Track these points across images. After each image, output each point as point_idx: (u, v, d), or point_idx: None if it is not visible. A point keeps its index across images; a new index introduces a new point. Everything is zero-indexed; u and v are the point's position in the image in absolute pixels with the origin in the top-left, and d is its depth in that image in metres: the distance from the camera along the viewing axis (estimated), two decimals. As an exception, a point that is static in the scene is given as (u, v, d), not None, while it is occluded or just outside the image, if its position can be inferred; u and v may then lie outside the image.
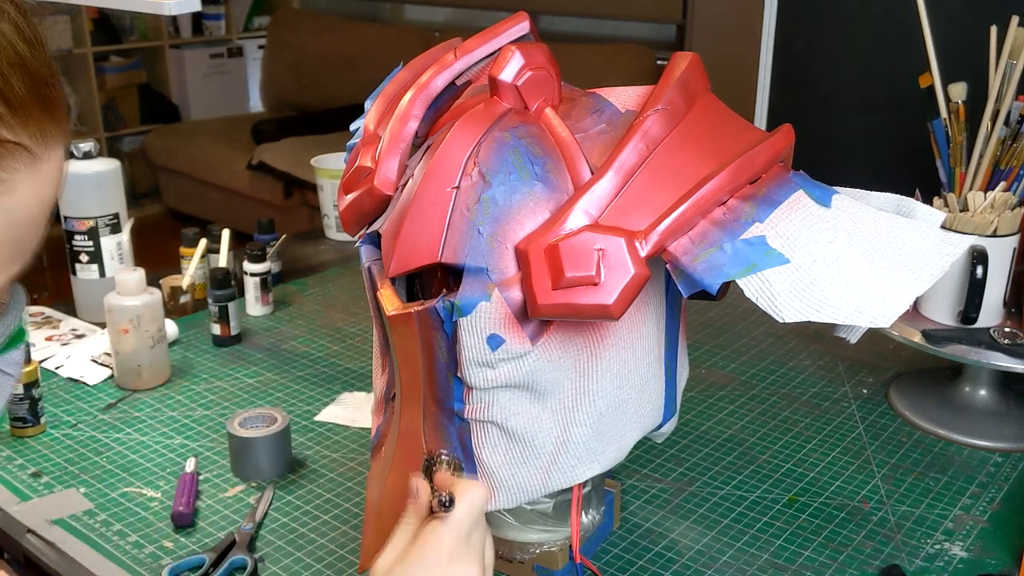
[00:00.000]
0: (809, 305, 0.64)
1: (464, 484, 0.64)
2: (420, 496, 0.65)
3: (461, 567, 0.61)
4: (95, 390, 1.18)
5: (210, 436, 1.08)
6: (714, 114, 0.74)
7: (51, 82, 0.46)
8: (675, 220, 0.66)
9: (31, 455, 1.04)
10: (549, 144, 0.71)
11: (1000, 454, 1.05)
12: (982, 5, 1.22)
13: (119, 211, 1.33)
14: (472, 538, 0.63)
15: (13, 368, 0.59)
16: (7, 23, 0.43)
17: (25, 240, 0.47)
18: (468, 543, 0.62)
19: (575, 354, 0.72)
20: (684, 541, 0.91)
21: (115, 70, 4.42)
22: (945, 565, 0.87)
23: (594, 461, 0.76)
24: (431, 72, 0.77)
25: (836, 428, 1.10)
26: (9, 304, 0.54)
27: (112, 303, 1.16)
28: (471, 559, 0.62)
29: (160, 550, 0.89)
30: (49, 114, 0.46)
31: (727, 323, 1.37)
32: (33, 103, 0.44)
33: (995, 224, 1.04)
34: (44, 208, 0.47)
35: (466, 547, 0.62)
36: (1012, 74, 1.06)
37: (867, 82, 1.59)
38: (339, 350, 1.29)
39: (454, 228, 0.69)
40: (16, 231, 0.46)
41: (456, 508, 0.62)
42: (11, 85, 0.43)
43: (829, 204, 0.70)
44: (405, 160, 0.76)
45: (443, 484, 0.65)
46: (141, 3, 1.27)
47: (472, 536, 0.63)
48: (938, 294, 1.08)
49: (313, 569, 0.86)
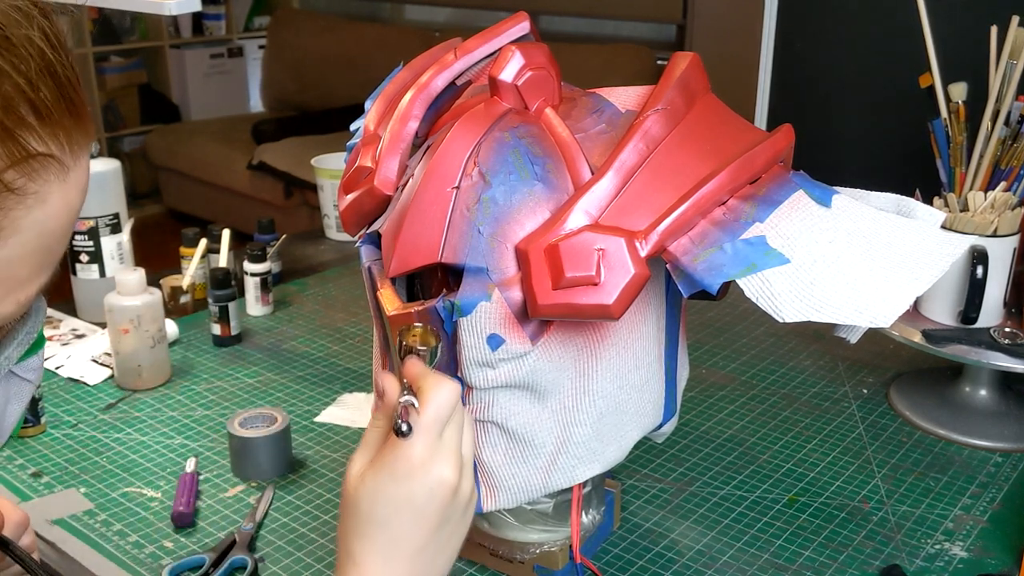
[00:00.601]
0: (809, 305, 0.64)
1: (431, 382, 0.61)
2: (387, 394, 0.62)
3: (434, 471, 0.59)
4: (95, 390, 1.18)
5: (210, 436, 1.08)
6: (714, 114, 0.74)
7: (76, 86, 0.46)
8: (675, 220, 0.66)
9: (31, 455, 1.04)
10: (549, 144, 0.71)
11: (1000, 454, 1.04)
12: (982, 5, 1.22)
13: (119, 211, 1.33)
14: (444, 437, 0.61)
15: (32, 374, 0.59)
16: (35, 29, 0.43)
17: (54, 248, 0.47)
18: (439, 444, 0.60)
19: (575, 354, 0.72)
20: (684, 541, 0.91)
21: (115, 70, 4.42)
22: (945, 565, 0.87)
23: (594, 461, 0.76)
24: (431, 72, 0.77)
25: (836, 428, 1.10)
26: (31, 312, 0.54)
27: (112, 303, 1.16)
28: (444, 461, 0.60)
29: (160, 550, 0.89)
30: (76, 120, 0.45)
31: (727, 323, 1.37)
32: (61, 110, 0.44)
33: (995, 224, 1.04)
34: (72, 216, 0.47)
35: (439, 448, 0.60)
36: (1012, 74, 1.06)
37: (867, 82, 1.59)
38: (339, 350, 1.29)
39: (454, 228, 0.69)
40: (46, 240, 0.46)
41: (423, 412, 0.60)
42: (41, 94, 0.43)
43: (829, 204, 0.70)
44: (405, 160, 0.76)
45: (412, 377, 0.62)
46: (141, 3, 1.27)
47: (444, 435, 0.61)
48: (938, 294, 1.08)
49: (313, 569, 0.86)
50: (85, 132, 0.47)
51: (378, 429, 0.63)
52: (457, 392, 0.62)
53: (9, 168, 0.42)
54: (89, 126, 0.47)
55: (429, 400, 0.60)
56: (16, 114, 0.42)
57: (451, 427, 0.61)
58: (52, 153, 0.44)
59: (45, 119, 0.43)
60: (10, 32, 0.42)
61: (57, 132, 0.44)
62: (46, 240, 0.46)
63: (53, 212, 0.45)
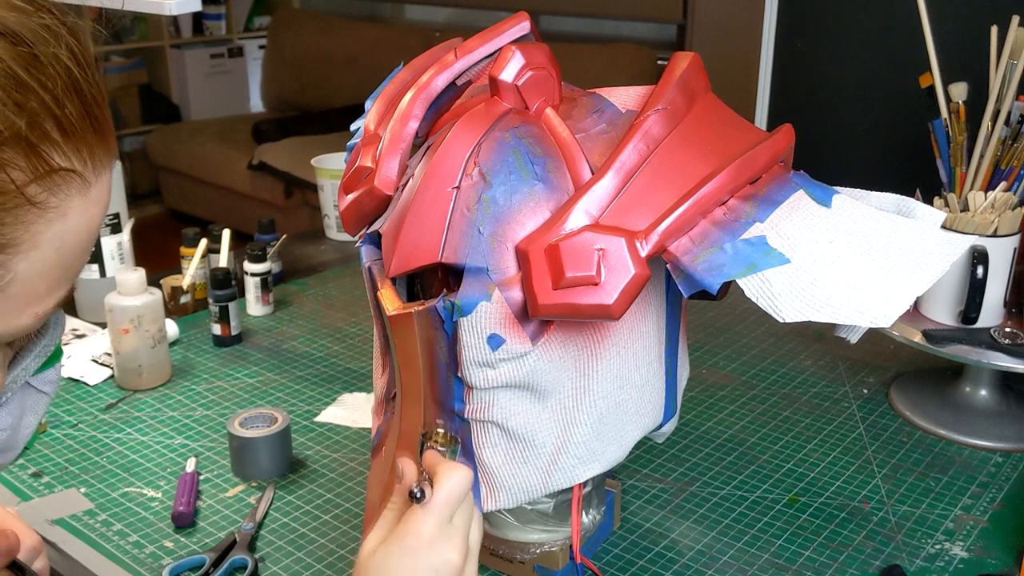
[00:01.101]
0: (809, 305, 0.64)
1: (446, 467, 0.64)
2: (405, 477, 0.65)
3: (440, 551, 0.62)
4: (96, 390, 1.18)
5: (210, 436, 1.08)
6: (714, 114, 0.74)
7: (102, 104, 0.46)
8: (676, 220, 0.66)
9: (32, 455, 1.04)
10: (550, 144, 0.71)
11: (1001, 454, 1.04)
12: (982, 5, 1.22)
13: (120, 211, 1.33)
14: (455, 521, 0.63)
15: (49, 387, 0.60)
16: (63, 47, 0.43)
17: (73, 264, 0.48)
18: (450, 526, 0.63)
19: (575, 354, 0.72)
20: (684, 541, 0.91)
21: (116, 70, 4.42)
22: (946, 565, 0.87)
23: (594, 461, 0.76)
24: (432, 72, 0.77)
25: (837, 428, 1.10)
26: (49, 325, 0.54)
27: (113, 303, 1.16)
28: (452, 543, 0.62)
29: (160, 550, 0.89)
30: (99, 137, 0.46)
31: (727, 323, 1.37)
32: (85, 127, 0.45)
33: (996, 224, 1.04)
34: (92, 231, 0.48)
35: (448, 530, 0.62)
36: (1013, 74, 1.06)
37: (867, 82, 1.58)
38: (339, 350, 1.29)
39: (454, 228, 0.69)
40: (65, 255, 0.46)
41: (436, 493, 0.62)
42: (66, 111, 0.43)
43: (829, 204, 0.70)
44: (405, 160, 0.76)
45: (429, 465, 0.66)
46: (141, 3, 1.27)
47: (455, 519, 0.63)
48: (939, 294, 1.08)
49: (313, 569, 0.86)
50: (108, 149, 0.47)
51: (393, 510, 0.65)
52: (470, 479, 0.65)
53: (32, 182, 0.43)
54: (112, 143, 0.48)
55: (442, 482, 0.63)
56: (41, 129, 0.43)
57: (462, 513, 0.64)
58: (75, 168, 0.45)
59: (69, 135, 0.44)
60: (38, 50, 0.42)
61: (80, 148, 0.45)
62: (65, 255, 0.46)
63: (73, 227, 0.46)
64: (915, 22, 1.11)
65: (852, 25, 1.59)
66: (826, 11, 1.62)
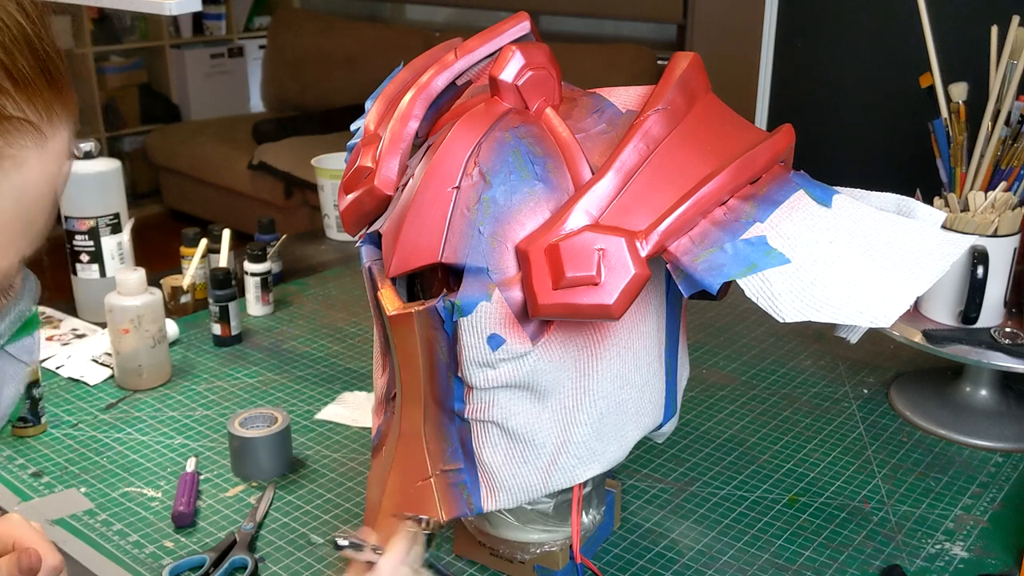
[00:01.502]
0: (810, 305, 0.64)
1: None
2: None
3: None
4: (96, 390, 1.18)
5: (210, 436, 1.08)
6: (715, 114, 0.74)
7: (56, 60, 0.46)
8: (676, 220, 0.66)
9: (32, 455, 1.04)
10: (550, 144, 0.71)
11: (1001, 454, 1.04)
12: (982, 5, 1.22)
13: (120, 211, 1.33)
14: None
15: (26, 355, 0.59)
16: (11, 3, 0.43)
17: (34, 218, 0.47)
18: None
19: (575, 354, 0.72)
20: (685, 541, 0.91)
21: (116, 70, 4.42)
22: (946, 565, 0.87)
23: (594, 461, 0.76)
24: (432, 72, 0.77)
25: (837, 428, 1.10)
26: (22, 291, 0.54)
27: (113, 303, 1.16)
28: None
29: (160, 550, 0.89)
30: (55, 91, 0.46)
31: (727, 323, 1.37)
32: (39, 80, 0.44)
33: (996, 224, 1.04)
34: (52, 185, 0.48)
35: None
36: (1013, 74, 1.06)
37: (867, 82, 1.59)
38: (339, 350, 1.29)
39: (454, 228, 0.69)
40: (25, 208, 0.46)
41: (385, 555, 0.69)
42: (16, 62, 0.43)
43: (830, 204, 0.70)
44: (405, 160, 0.76)
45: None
46: (141, 3, 1.27)
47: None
48: (939, 294, 1.08)
49: (313, 569, 0.86)
50: (65, 105, 0.47)
51: None
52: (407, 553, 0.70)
53: None
54: (70, 100, 0.47)
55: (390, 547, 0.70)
56: None
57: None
58: (28, 118, 0.44)
59: (21, 86, 0.44)
60: None
61: (34, 99, 0.44)
62: (24, 208, 0.46)
63: (32, 179, 0.45)
64: (915, 22, 1.11)
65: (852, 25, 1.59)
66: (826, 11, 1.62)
